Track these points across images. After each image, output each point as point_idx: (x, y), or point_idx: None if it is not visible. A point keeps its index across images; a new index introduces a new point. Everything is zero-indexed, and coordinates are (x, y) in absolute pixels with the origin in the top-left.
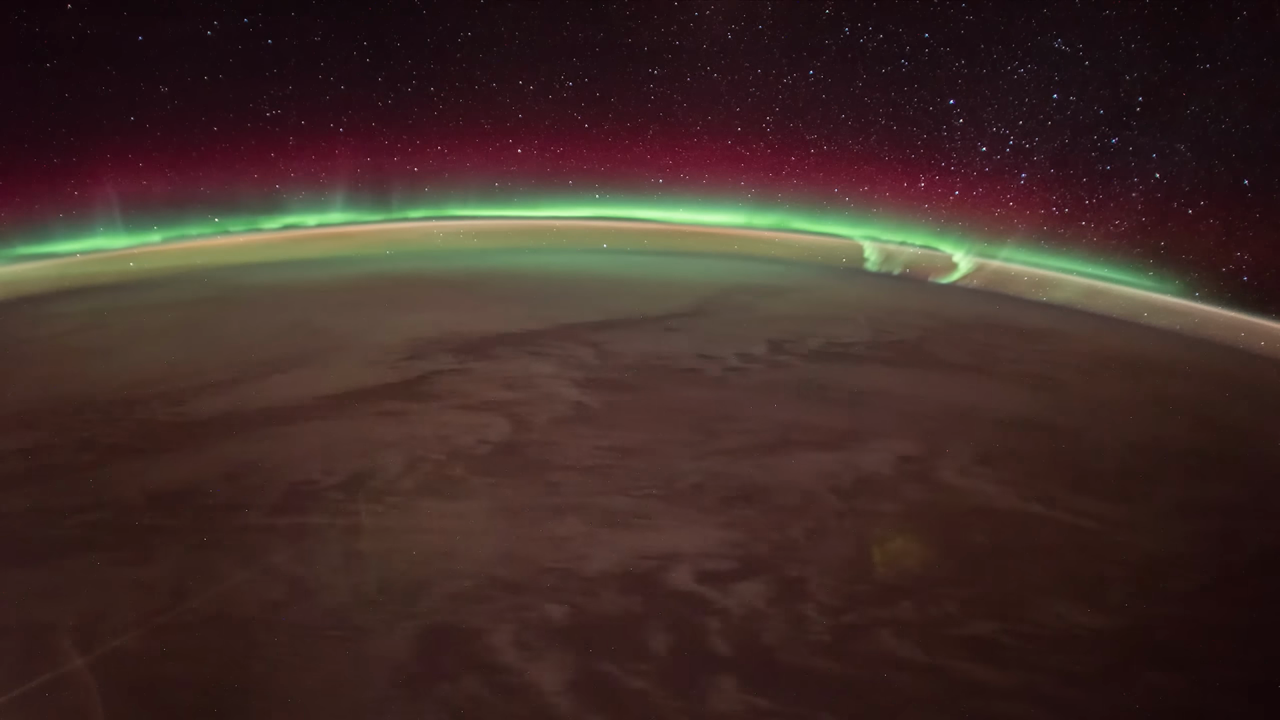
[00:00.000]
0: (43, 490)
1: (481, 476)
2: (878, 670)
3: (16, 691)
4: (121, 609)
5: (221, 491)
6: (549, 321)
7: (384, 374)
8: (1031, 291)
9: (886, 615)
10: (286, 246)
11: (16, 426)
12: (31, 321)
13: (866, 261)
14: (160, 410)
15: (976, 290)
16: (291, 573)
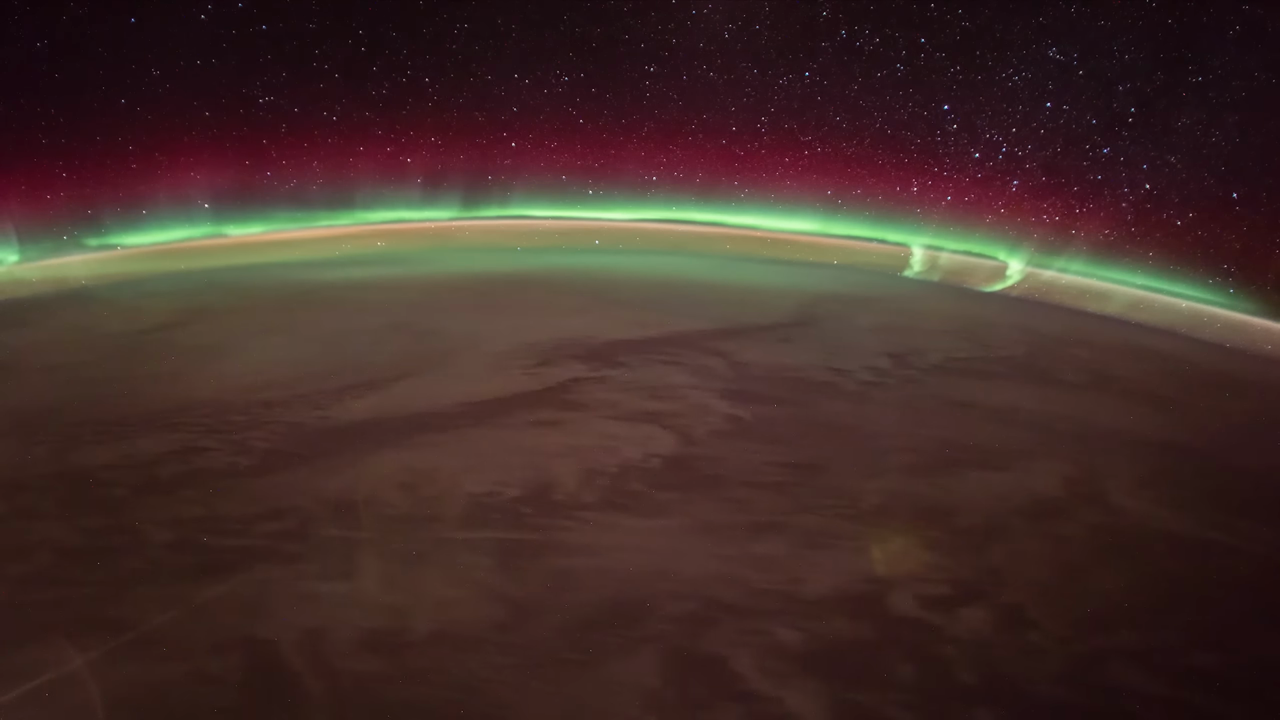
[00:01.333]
0: (212, 497)
1: (663, 491)
2: (1121, 702)
3: (257, 712)
4: (342, 626)
5: (402, 502)
6: (661, 328)
7: (521, 381)
8: (1088, 302)
9: (1112, 644)
10: (311, 245)
11: (159, 427)
12: (120, 314)
13: (911, 267)
14: (304, 414)
15: (1040, 301)
16: (505, 590)
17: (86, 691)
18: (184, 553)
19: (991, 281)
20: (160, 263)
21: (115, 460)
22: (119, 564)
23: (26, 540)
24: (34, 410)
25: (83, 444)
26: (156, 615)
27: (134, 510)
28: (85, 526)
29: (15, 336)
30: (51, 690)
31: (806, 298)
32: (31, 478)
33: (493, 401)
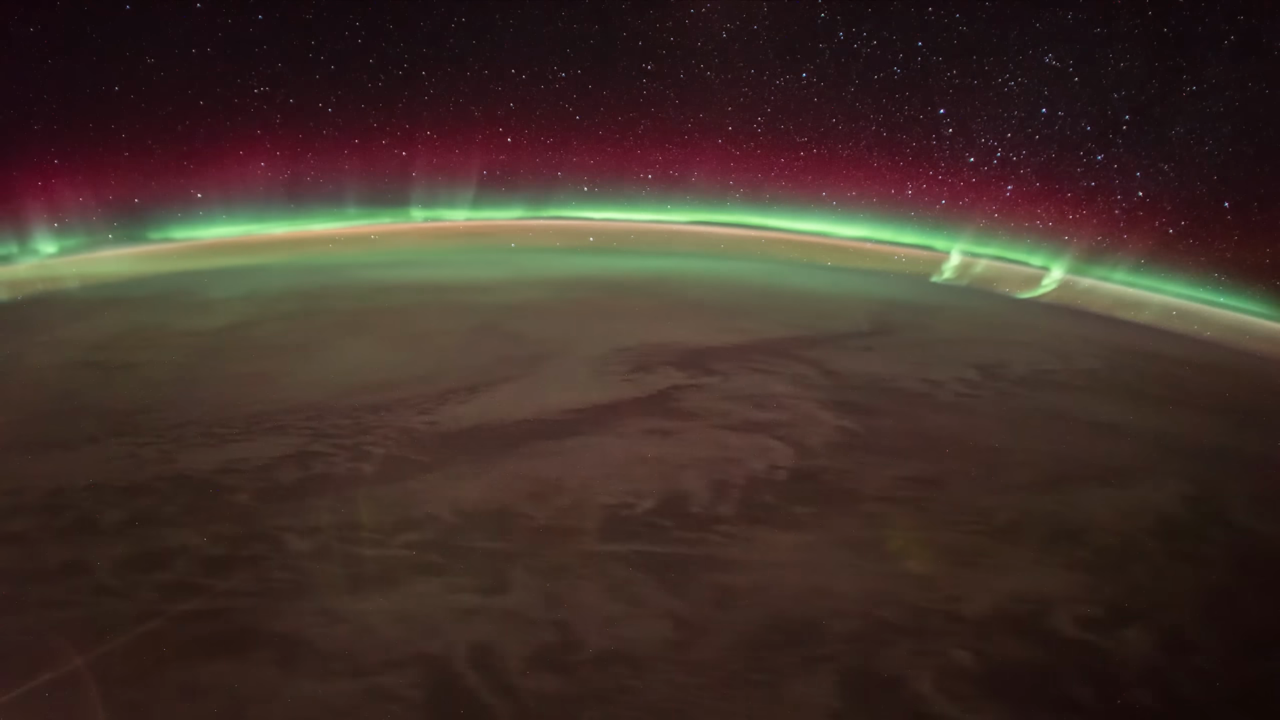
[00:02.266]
0: (343, 505)
1: (797, 505)
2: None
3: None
4: (509, 641)
5: (538, 513)
6: (744, 334)
7: (621, 387)
8: (1125, 311)
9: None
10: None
11: (266, 431)
12: (185, 312)
13: (944, 273)
14: (412, 419)
15: (1090, 311)
16: (668, 606)
17: (270, 712)
18: (329, 563)
19: (1026, 288)
20: (189, 261)
21: (230, 464)
22: (265, 574)
23: (162, 547)
24: (130, 410)
25: (191, 446)
26: (320, 629)
27: (265, 517)
28: (219, 534)
29: (82, 332)
30: (233, 710)
31: (874, 305)
32: (148, 481)
33: (600, 409)
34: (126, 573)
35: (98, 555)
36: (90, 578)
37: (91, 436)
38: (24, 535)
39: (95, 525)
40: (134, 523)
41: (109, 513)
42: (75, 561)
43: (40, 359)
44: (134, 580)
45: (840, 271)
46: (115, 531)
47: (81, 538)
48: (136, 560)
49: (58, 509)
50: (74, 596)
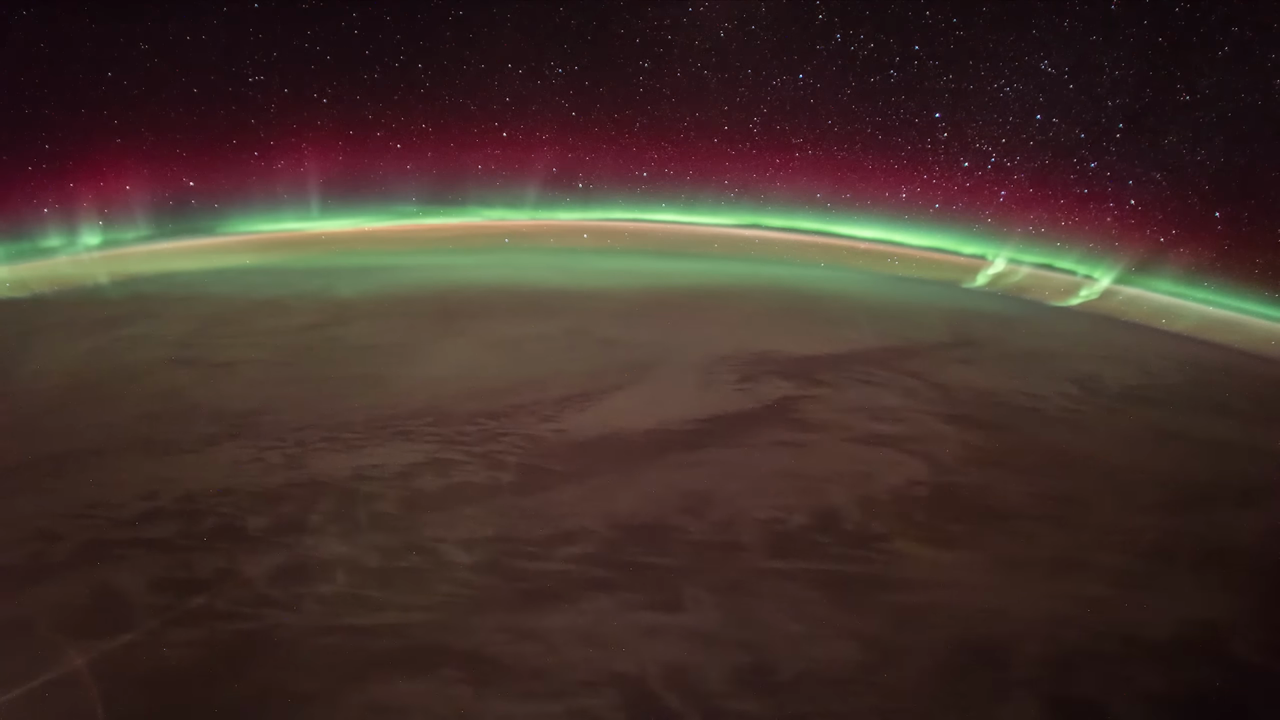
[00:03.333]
0: (494, 515)
1: (948, 523)
2: None
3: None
4: (700, 661)
5: (694, 527)
6: (837, 344)
7: (735, 397)
8: (1167, 320)
9: None
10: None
11: (390, 436)
12: (259, 310)
13: (979, 280)
14: (535, 426)
15: (1133, 320)
16: (852, 627)
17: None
18: (494, 576)
19: (1064, 296)
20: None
21: (363, 470)
22: (432, 587)
23: (318, 557)
24: (243, 412)
25: (317, 451)
26: (504, 646)
27: (416, 528)
28: (372, 544)
29: (161, 328)
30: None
31: (948, 315)
32: (283, 487)
33: (723, 419)
34: (287, 583)
35: (252, 564)
36: (251, 589)
37: (209, 438)
38: (170, 542)
39: (241, 532)
40: (281, 530)
41: (251, 519)
42: (230, 571)
43: (129, 356)
44: (297, 592)
45: (867, 275)
46: (264, 539)
47: (230, 545)
48: (294, 570)
49: (196, 514)
50: (239, 608)
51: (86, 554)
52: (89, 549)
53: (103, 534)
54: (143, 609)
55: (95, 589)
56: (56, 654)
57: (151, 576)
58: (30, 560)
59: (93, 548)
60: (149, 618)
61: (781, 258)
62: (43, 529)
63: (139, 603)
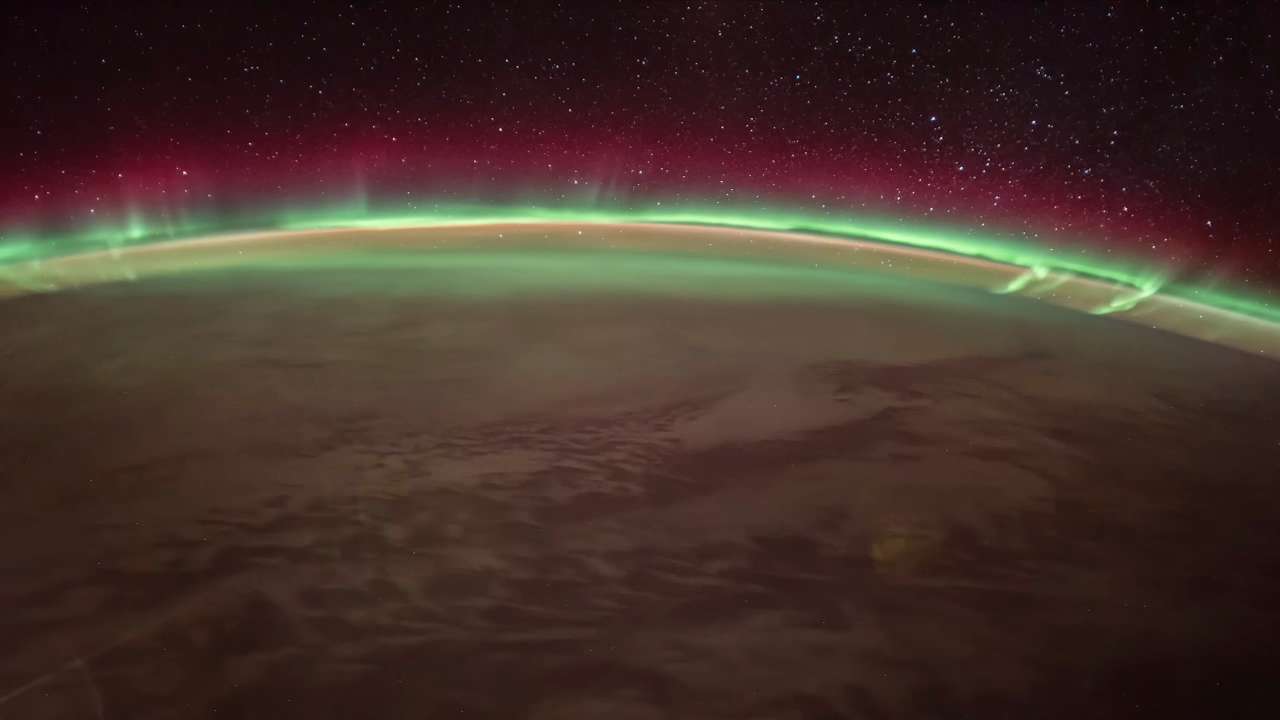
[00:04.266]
0: (631, 527)
1: (1082, 540)
2: None
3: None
4: (883, 684)
5: (835, 541)
6: (923, 354)
7: (839, 408)
8: (1199, 330)
9: None
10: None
11: (504, 442)
12: (341, 309)
13: (1016, 286)
14: (648, 435)
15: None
16: (1015, 647)
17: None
18: (648, 590)
19: (1099, 304)
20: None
21: (489, 479)
22: (590, 602)
23: (465, 569)
24: (347, 415)
25: (436, 458)
26: (679, 664)
27: (557, 539)
28: (517, 555)
29: (235, 325)
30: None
31: (1006, 324)
32: (414, 494)
33: (833, 431)
34: (442, 596)
35: (403, 576)
36: (404, 602)
37: (323, 443)
38: (312, 552)
39: (383, 542)
40: (423, 540)
41: (389, 528)
42: (382, 583)
43: (211, 355)
44: (454, 605)
45: (906, 280)
46: (407, 550)
47: (375, 556)
48: (445, 583)
49: (330, 523)
50: (400, 622)
51: (228, 562)
52: (229, 557)
53: (239, 541)
54: (301, 621)
55: (247, 600)
56: (221, 667)
57: (302, 587)
58: (171, 568)
59: (232, 555)
60: (310, 630)
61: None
62: (174, 535)
63: (296, 615)
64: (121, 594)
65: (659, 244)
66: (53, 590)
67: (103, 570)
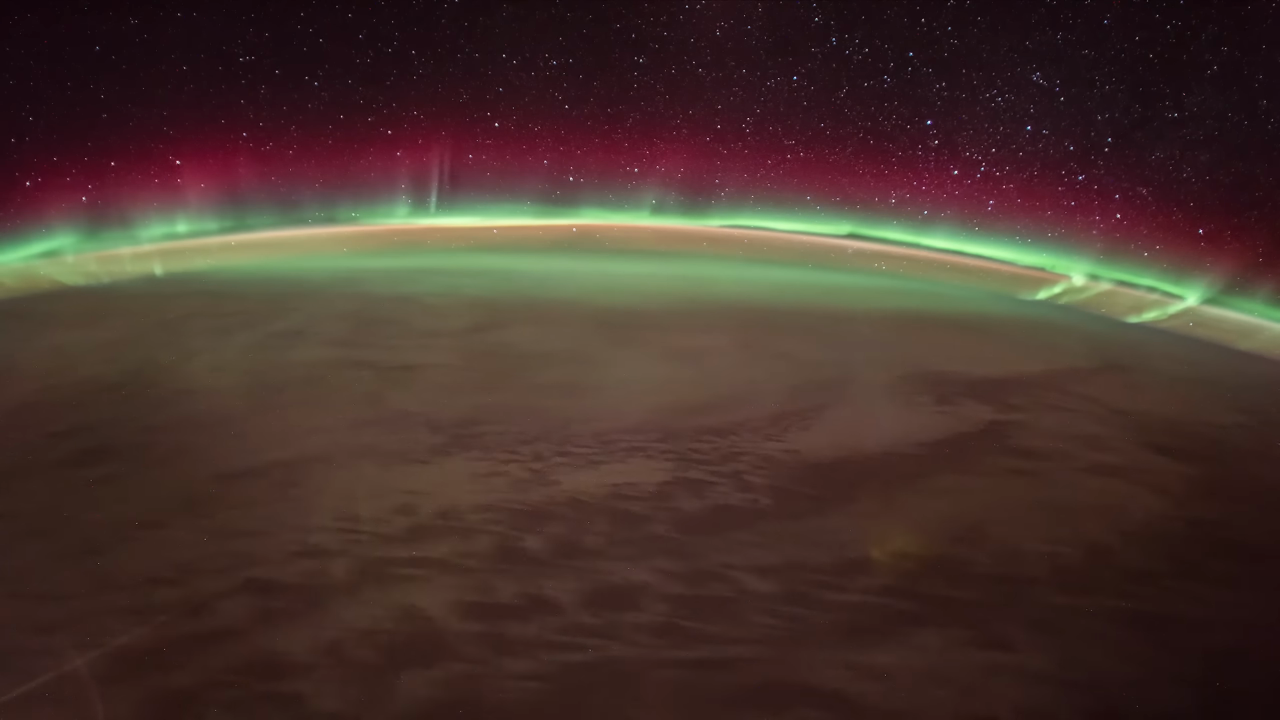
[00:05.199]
0: (771, 542)
1: (1213, 560)
2: None
3: None
4: (1058, 707)
5: (977, 558)
6: (1007, 366)
7: (943, 420)
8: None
9: None
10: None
11: (624, 450)
12: (412, 309)
13: (1051, 293)
14: (764, 445)
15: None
16: (1178, 669)
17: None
18: (802, 607)
19: (1135, 313)
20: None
21: (617, 489)
22: (747, 618)
23: (614, 582)
24: (456, 420)
25: (558, 466)
26: (851, 684)
27: (701, 552)
28: (664, 569)
29: (312, 325)
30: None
31: (1077, 335)
32: (543, 504)
33: (944, 443)
34: (599, 611)
35: (554, 589)
36: (562, 616)
37: (438, 449)
38: (455, 563)
39: (523, 553)
40: (565, 552)
41: (528, 539)
42: (533, 596)
43: (296, 355)
44: (612, 620)
45: (953, 286)
46: (551, 562)
47: (519, 567)
48: (599, 597)
49: (465, 532)
50: (563, 637)
51: (371, 573)
52: (371, 568)
53: (377, 551)
54: (462, 636)
55: (402, 612)
56: (390, 684)
57: (454, 600)
58: (313, 578)
59: (374, 566)
60: (473, 646)
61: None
62: (310, 544)
63: (455, 629)
64: (271, 605)
65: (723, 248)
66: (201, 601)
67: (247, 581)
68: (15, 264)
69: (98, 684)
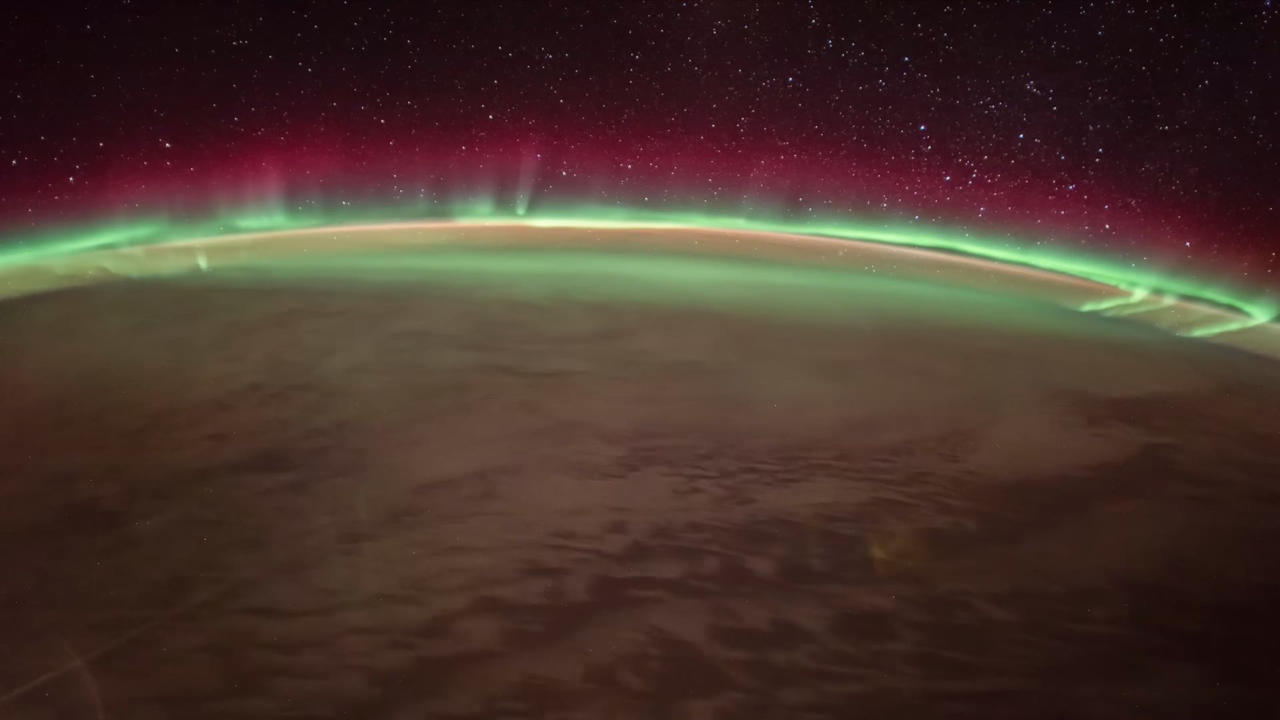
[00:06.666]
0: (985, 566)
1: None
2: None
3: None
4: None
5: (1197, 589)
6: (1131, 386)
7: (1098, 443)
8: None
9: None
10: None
11: (808, 468)
12: (529, 312)
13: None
14: (946, 466)
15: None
16: None
17: None
18: (1048, 637)
19: (1187, 326)
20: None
21: (821, 510)
22: (995, 646)
23: (858, 608)
24: (628, 433)
25: (750, 484)
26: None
27: (930, 578)
28: (897, 593)
29: (420, 326)
30: None
31: (1176, 355)
32: (752, 524)
33: (1112, 467)
34: (852, 638)
35: (799, 614)
36: (819, 644)
37: (623, 463)
38: (687, 584)
39: (752, 576)
40: (795, 575)
41: (752, 561)
42: (783, 621)
43: (432, 357)
44: (870, 649)
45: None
46: (785, 585)
47: (755, 591)
48: (848, 623)
49: (686, 552)
50: (827, 666)
51: (606, 594)
52: (604, 588)
53: (604, 570)
54: (727, 663)
55: (656, 637)
56: (671, 712)
57: (704, 624)
58: (551, 598)
59: (607, 587)
60: (742, 673)
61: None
62: (535, 561)
63: (716, 655)
64: (519, 626)
65: (799, 255)
66: (441, 620)
67: (484, 600)
68: (75, 254)
69: (374, 710)
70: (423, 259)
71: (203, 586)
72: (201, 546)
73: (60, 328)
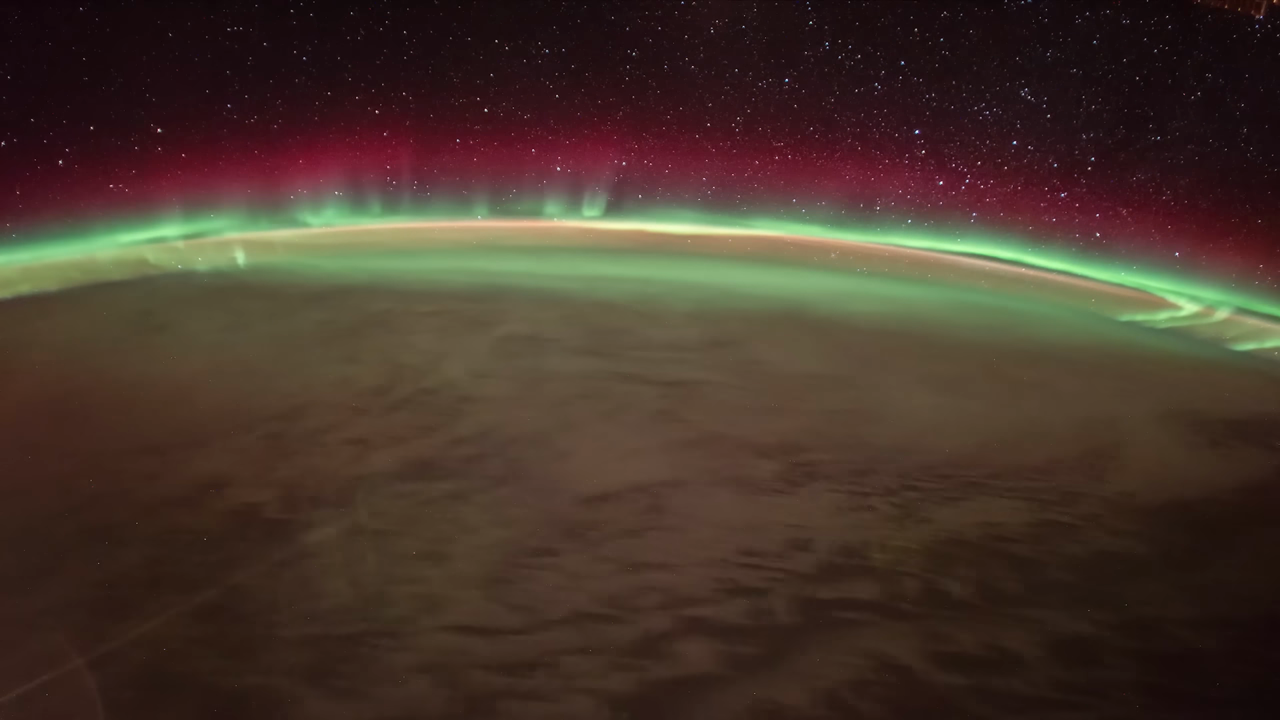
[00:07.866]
0: (1174, 594)
1: None
2: None
3: None
4: None
5: None
6: (1225, 403)
7: (1231, 464)
8: None
9: None
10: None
11: (963, 487)
12: (632, 317)
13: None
14: (1097, 488)
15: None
16: None
17: None
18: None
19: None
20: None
21: (991, 529)
22: (1213, 676)
23: (1066, 635)
24: (775, 446)
25: (912, 500)
26: None
27: (1120, 602)
28: (1094, 618)
29: (518, 330)
30: None
31: (1244, 369)
32: (934, 544)
33: (1250, 489)
34: (1068, 665)
35: (1012, 640)
36: (1035, 670)
37: (783, 477)
38: (890, 606)
39: (950, 598)
40: (990, 598)
41: (947, 584)
42: (995, 646)
43: (554, 363)
44: (1087, 676)
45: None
46: (984, 608)
47: (957, 614)
48: (1058, 648)
49: (880, 574)
50: (1051, 694)
51: (812, 615)
52: (807, 609)
53: (803, 590)
54: (952, 689)
55: (872, 661)
56: None
57: (918, 648)
58: (757, 619)
59: (810, 608)
60: (972, 701)
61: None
62: (728, 580)
63: (941, 682)
64: (732, 649)
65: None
66: (652, 640)
67: (692, 620)
68: (125, 247)
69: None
70: (492, 260)
71: (396, 602)
72: (381, 559)
73: (145, 322)
